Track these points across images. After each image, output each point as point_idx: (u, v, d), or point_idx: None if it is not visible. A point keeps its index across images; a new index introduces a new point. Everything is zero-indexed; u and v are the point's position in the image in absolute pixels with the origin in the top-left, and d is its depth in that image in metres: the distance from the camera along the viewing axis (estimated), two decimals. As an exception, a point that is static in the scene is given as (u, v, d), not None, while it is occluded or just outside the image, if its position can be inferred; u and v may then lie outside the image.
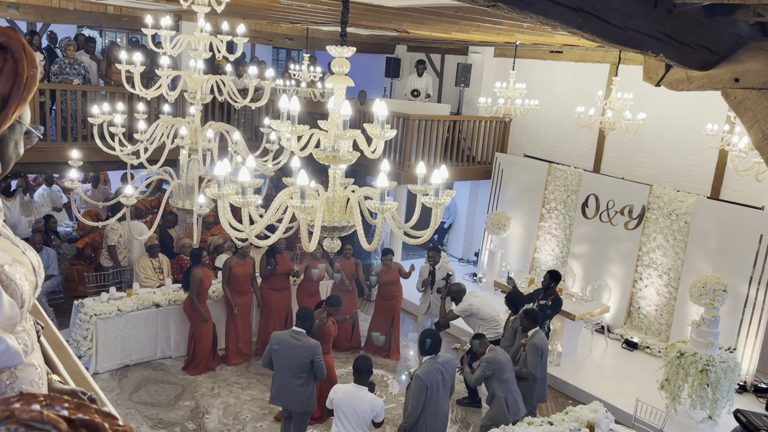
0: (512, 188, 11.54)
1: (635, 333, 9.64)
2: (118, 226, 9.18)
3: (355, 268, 8.95)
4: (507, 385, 6.07)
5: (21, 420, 0.58)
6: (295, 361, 5.87)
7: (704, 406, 7.27)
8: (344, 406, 5.21)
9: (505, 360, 6.11)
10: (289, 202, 2.30)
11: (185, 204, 5.46)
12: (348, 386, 5.35)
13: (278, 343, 5.92)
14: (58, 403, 0.63)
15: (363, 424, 5.19)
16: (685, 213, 9.09)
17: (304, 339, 5.93)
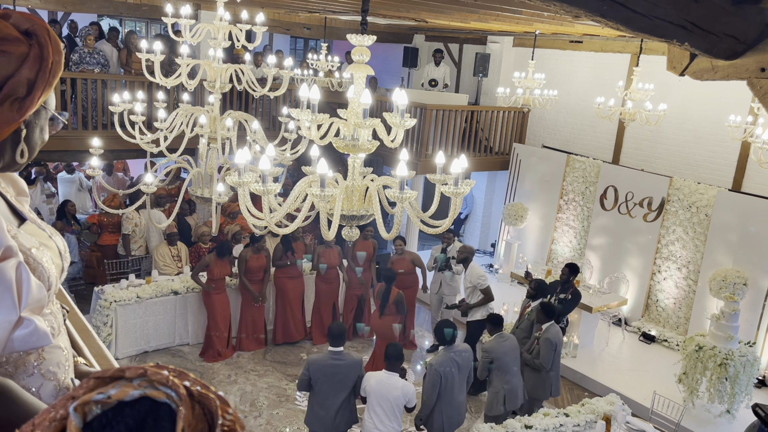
0: (530, 179, 11.47)
1: (653, 326, 9.57)
2: (134, 215, 9.27)
3: (372, 249, 8.94)
4: (507, 376, 6.07)
5: (150, 379, 0.66)
6: (343, 381, 5.40)
7: (722, 400, 7.21)
8: (377, 394, 5.30)
9: (508, 349, 6.12)
10: (309, 191, 2.31)
11: (204, 192, 5.49)
12: (380, 374, 5.41)
13: (317, 368, 5.40)
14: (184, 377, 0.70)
15: (396, 411, 5.31)
16: (706, 205, 8.98)
17: (346, 357, 5.48)
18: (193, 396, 0.68)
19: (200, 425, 0.67)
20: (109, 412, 0.65)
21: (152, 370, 0.67)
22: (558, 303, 7.62)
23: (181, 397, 0.66)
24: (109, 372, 0.68)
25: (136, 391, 0.65)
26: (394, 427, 5.33)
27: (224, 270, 7.99)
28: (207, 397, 0.68)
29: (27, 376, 1.10)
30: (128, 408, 0.65)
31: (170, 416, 0.65)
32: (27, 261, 1.04)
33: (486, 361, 6.06)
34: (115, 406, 0.65)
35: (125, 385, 0.66)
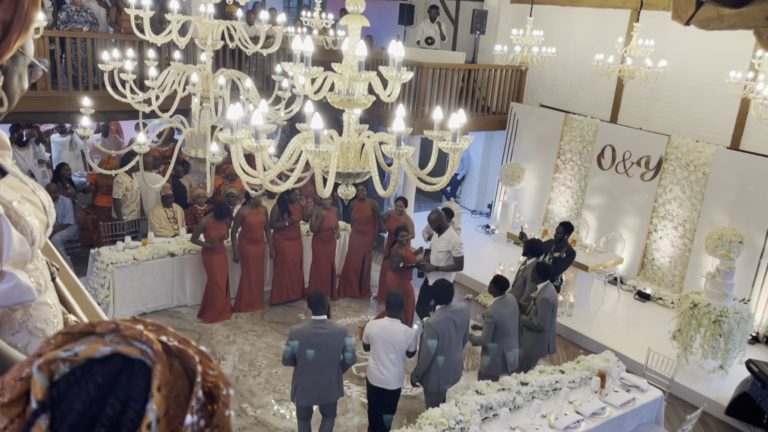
0: (527, 139, 11.39)
1: (648, 284, 9.63)
2: (124, 179, 9.18)
3: (371, 212, 8.91)
4: (506, 339, 6.11)
5: (123, 334, 0.62)
6: (326, 351, 5.26)
7: (716, 356, 7.30)
8: (380, 340, 5.47)
9: (509, 312, 6.13)
10: (303, 147, 2.26)
11: (198, 153, 5.42)
12: (382, 321, 5.59)
13: (299, 339, 5.25)
14: (163, 332, 0.65)
15: (398, 356, 5.48)
16: (704, 164, 8.94)
17: (329, 326, 5.33)
18: (171, 352, 0.64)
19: (179, 382, 0.63)
20: (77, 371, 0.60)
21: (125, 325, 0.63)
22: (552, 262, 7.64)
23: (156, 352, 0.61)
24: (79, 327, 0.63)
25: (107, 348, 0.61)
26: (398, 371, 5.54)
27: (221, 231, 7.96)
28: (186, 353, 0.64)
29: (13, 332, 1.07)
30: (98, 366, 0.61)
31: (145, 374, 0.61)
32: (8, 214, 1.00)
33: (490, 326, 6.06)
34: (84, 363, 0.61)
35: (95, 342, 0.61)
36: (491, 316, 6.07)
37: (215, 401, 0.65)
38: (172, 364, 0.63)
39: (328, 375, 5.34)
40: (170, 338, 0.65)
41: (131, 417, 0.59)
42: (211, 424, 0.63)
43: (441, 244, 7.50)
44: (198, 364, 0.64)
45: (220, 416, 0.64)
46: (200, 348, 0.67)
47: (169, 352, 0.63)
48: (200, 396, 0.63)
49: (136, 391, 0.60)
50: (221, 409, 0.64)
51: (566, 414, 5.44)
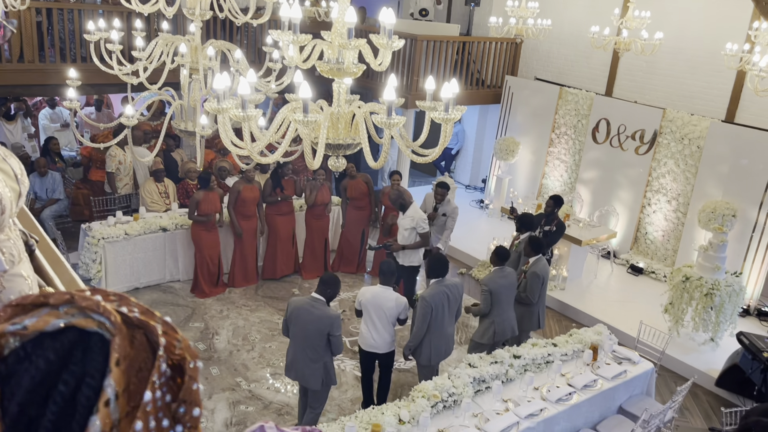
0: (522, 113, 11.31)
1: (641, 258, 9.66)
2: (117, 153, 9.08)
3: (365, 186, 8.86)
4: (499, 309, 6.13)
5: (78, 306, 0.58)
6: (311, 332, 5.16)
7: (707, 328, 7.35)
8: (372, 306, 5.61)
9: (506, 283, 6.16)
10: (292, 116, 2.20)
11: (188, 126, 5.34)
12: (375, 287, 5.73)
13: (295, 310, 5.25)
14: (124, 302, 0.62)
15: (389, 322, 5.64)
16: (698, 137, 8.91)
17: (322, 308, 5.21)
18: (131, 323, 0.59)
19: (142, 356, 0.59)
20: (28, 345, 0.56)
21: (81, 296, 0.58)
22: (543, 235, 7.65)
23: (115, 324, 0.57)
24: (30, 298, 0.59)
25: (59, 320, 0.57)
26: (389, 337, 5.68)
27: (213, 205, 7.90)
28: (147, 324, 0.60)
29: None
30: (50, 340, 0.57)
31: (103, 347, 0.57)
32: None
33: (486, 295, 6.07)
34: (35, 338, 0.56)
35: (48, 314, 0.57)
36: (486, 284, 6.10)
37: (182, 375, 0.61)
38: (133, 336, 0.59)
39: (312, 357, 5.19)
40: (131, 309, 0.61)
41: (87, 394, 0.55)
42: (178, 398, 0.60)
43: (405, 222, 7.39)
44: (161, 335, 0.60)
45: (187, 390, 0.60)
46: (165, 319, 0.63)
47: (129, 324, 0.59)
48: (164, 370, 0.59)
49: (92, 366, 0.56)
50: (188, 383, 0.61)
51: (558, 386, 5.47)
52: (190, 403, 0.61)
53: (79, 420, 0.54)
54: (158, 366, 0.58)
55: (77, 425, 0.54)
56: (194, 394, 0.62)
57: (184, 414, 0.61)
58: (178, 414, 0.60)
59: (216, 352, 7.02)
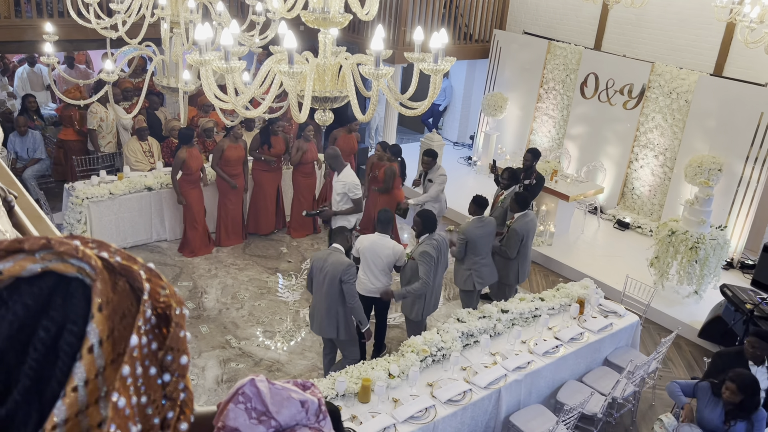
0: (510, 68, 11.17)
1: (627, 213, 9.72)
2: (98, 109, 8.89)
3: (356, 145, 8.76)
4: (477, 258, 6.30)
5: (56, 251, 0.55)
6: (326, 279, 5.26)
7: (691, 281, 7.46)
8: (370, 253, 5.75)
9: (483, 233, 6.27)
10: (276, 68, 2.14)
11: (170, 82, 5.22)
12: (373, 236, 5.86)
13: (315, 261, 5.38)
14: (104, 248, 0.59)
15: (387, 268, 5.80)
16: (686, 91, 8.87)
17: (338, 255, 5.30)
18: (113, 269, 0.57)
19: (125, 303, 0.56)
20: (4, 291, 0.54)
21: (58, 240, 0.56)
22: (523, 189, 7.67)
23: (95, 269, 0.55)
24: (4, 244, 0.56)
25: (36, 265, 0.54)
26: (386, 282, 5.84)
27: (198, 162, 7.80)
28: (130, 269, 0.57)
29: None
30: (27, 285, 0.54)
31: (84, 293, 0.54)
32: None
33: (462, 243, 6.19)
34: (12, 283, 0.54)
35: (24, 259, 0.54)
36: (464, 233, 6.20)
37: (168, 323, 0.59)
38: (116, 282, 0.56)
39: (327, 306, 5.32)
40: (112, 254, 0.58)
41: (69, 340, 0.53)
42: (165, 346, 0.58)
43: (338, 186, 7.15)
44: (145, 281, 0.58)
45: (174, 337, 0.58)
46: (148, 265, 0.60)
47: (111, 270, 0.57)
48: (149, 316, 0.57)
49: (73, 312, 0.53)
50: (175, 330, 0.58)
51: (545, 340, 5.55)
52: (178, 351, 0.59)
53: (62, 367, 0.52)
54: (143, 311, 0.56)
55: (60, 372, 0.52)
56: (181, 342, 0.60)
57: (171, 362, 0.59)
58: (166, 362, 0.58)
59: (205, 311, 7.03)
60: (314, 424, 0.91)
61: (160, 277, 0.60)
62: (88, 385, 0.51)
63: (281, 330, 6.81)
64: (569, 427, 5.03)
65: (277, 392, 0.89)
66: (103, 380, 0.52)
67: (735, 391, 4.39)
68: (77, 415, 0.50)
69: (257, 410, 0.87)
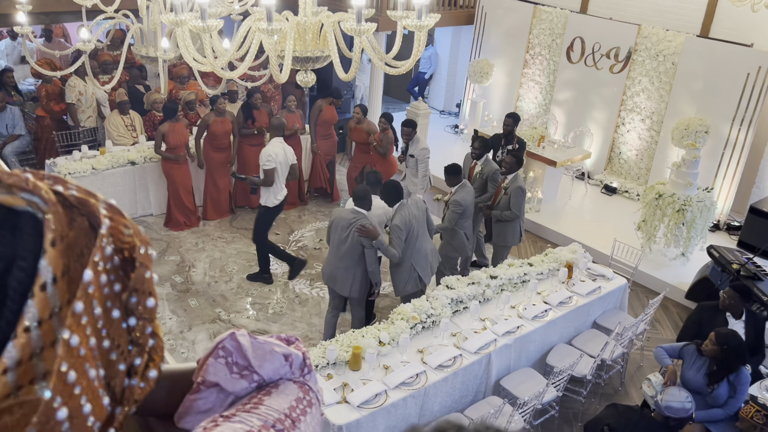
0: (495, 33, 11.05)
1: (615, 178, 9.73)
2: (76, 83, 8.69)
3: (336, 114, 8.66)
4: (469, 221, 6.33)
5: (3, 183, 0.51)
6: (348, 241, 5.40)
7: (678, 244, 7.50)
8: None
9: (472, 197, 6.28)
10: (255, 26, 2.06)
11: (149, 51, 5.11)
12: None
13: (336, 218, 5.50)
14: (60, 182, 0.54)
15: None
16: (673, 53, 8.82)
17: (362, 220, 5.38)
18: (69, 204, 0.52)
19: (84, 240, 0.52)
20: None
21: (5, 173, 0.51)
22: (507, 155, 7.63)
23: (48, 202, 0.50)
24: None
25: None
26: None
27: (181, 137, 7.67)
28: (86, 202, 0.53)
29: None
30: None
31: (36, 227, 0.50)
32: None
33: (458, 212, 6.13)
34: None
35: None
36: (460, 203, 6.11)
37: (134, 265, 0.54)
38: (73, 218, 0.52)
39: (346, 265, 5.49)
40: (68, 188, 0.53)
41: (19, 277, 0.48)
42: (129, 287, 0.54)
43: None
44: (105, 218, 0.53)
45: (138, 278, 0.54)
46: (110, 201, 0.56)
47: (67, 205, 0.52)
48: (109, 254, 0.52)
49: (23, 247, 0.49)
50: (140, 270, 0.54)
51: (534, 304, 5.58)
52: (143, 293, 0.55)
53: (12, 306, 0.48)
54: (100, 246, 0.51)
55: (9, 312, 0.47)
56: (147, 283, 0.55)
57: (136, 304, 0.55)
58: (130, 304, 0.54)
59: (194, 284, 6.99)
60: (299, 378, 0.88)
61: (123, 215, 0.56)
62: (41, 326, 0.47)
63: (271, 302, 6.79)
64: (559, 389, 5.09)
65: (260, 346, 0.86)
66: (59, 322, 0.48)
67: (714, 342, 4.44)
68: (31, 358, 0.46)
69: (239, 365, 0.84)
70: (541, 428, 5.29)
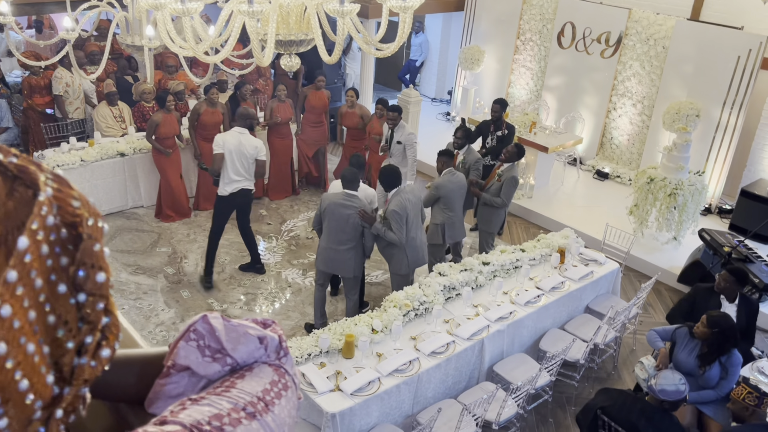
0: (486, 20, 10.99)
1: (607, 163, 9.73)
2: (63, 74, 8.59)
3: (327, 102, 8.58)
4: (449, 211, 6.24)
5: None
6: (348, 223, 5.49)
7: (670, 228, 7.51)
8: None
9: (456, 186, 6.22)
10: (237, 8, 2.02)
11: (134, 40, 5.04)
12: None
13: (330, 204, 5.53)
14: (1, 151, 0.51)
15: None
16: (664, 37, 8.79)
17: (357, 202, 5.49)
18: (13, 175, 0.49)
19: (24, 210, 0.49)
20: None
21: None
22: (497, 140, 7.61)
23: None
24: None
25: None
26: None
27: (172, 128, 7.61)
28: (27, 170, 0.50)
29: None
30: None
31: None
32: None
33: (434, 195, 6.12)
34: None
35: None
36: (438, 187, 6.14)
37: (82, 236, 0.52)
38: (14, 188, 0.49)
39: (344, 247, 5.55)
40: (9, 156, 0.50)
41: None
42: (76, 260, 0.51)
43: None
44: (47, 186, 0.50)
45: (86, 251, 0.51)
46: (57, 172, 0.53)
47: (9, 175, 0.49)
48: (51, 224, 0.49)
49: None
50: (87, 242, 0.51)
51: (527, 290, 5.57)
52: (92, 267, 0.52)
53: None
54: (39, 214, 0.48)
55: None
56: (96, 256, 0.53)
57: (85, 279, 0.52)
58: (78, 279, 0.51)
59: (186, 276, 6.96)
60: (274, 361, 0.85)
61: (70, 186, 0.53)
62: None
63: (264, 292, 6.77)
64: (552, 374, 5.10)
65: (233, 329, 0.84)
66: None
67: (705, 325, 4.45)
68: None
69: (211, 348, 0.81)
70: (534, 413, 5.31)
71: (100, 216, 0.54)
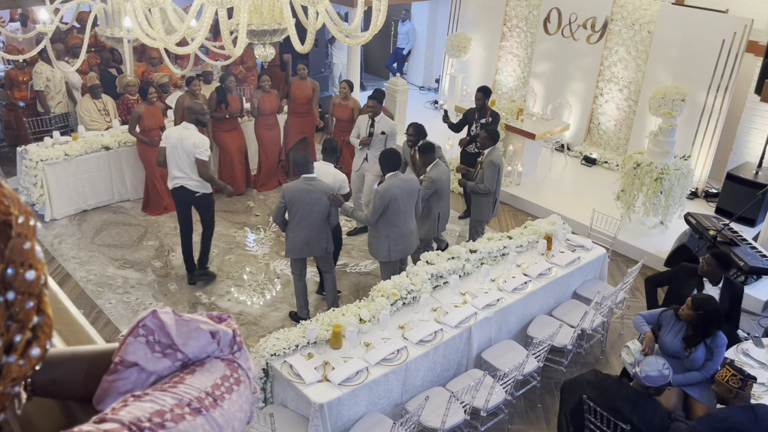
0: (472, 6, 10.94)
1: (594, 149, 9.74)
2: (43, 69, 8.49)
3: (311, 92, 8.49)
4: (442, 202, 6.27)
5: None
6: (315, 208, 5.50)
7: (656, 212, 7.54)
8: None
9: (445, 177, 6.23)
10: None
11: (114, 32, 4.99)
12: (318, 163, 5.97)
13: (292, 195, 5.49)
14: None
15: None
16: (649, 22, 8.79)
17: (317, 184, 5.53)
18: None
19: None
20: None
21: None
22: (481, 129, 7.59)
23: None
24: None
25: None
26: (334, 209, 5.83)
27: (156, 120, 7.56)
28: None
29: None
30: None
31: None
32: None
33: (431, 190, 6.09)
34: None
35: None
36: (434, 180, 6.08)
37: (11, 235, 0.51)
38: None
39: (317, 229, 5.61)
40: None
41: None
42: (5, 258, 0.50)
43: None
44: None
45: (15, 249, 0.50)
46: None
47: None
48: None
49: None
50: (17, 241, 0.50)
51: (514, 277, 5.59)
52: (21, 265, 0.51)
53: None
54: None
55: None
56: (26, 254, 0.51)
57: (13, 277, 0.51)
58: (7, 277, 0.50)
59: (173, 269, 6.93)
60: (227, 356, 0.84)
61: (1, 184, 0.52)
62: None
63: (252, 284, 6.76)
64: (540, 360, 5.12)
65: (184, 323, 0.83)
66: None
67: (690, 307, 4.48)
68: None
69: (161, 343, 0.80)
70: (523, 399, 5.34)
71: (31, 214, 0.53)
